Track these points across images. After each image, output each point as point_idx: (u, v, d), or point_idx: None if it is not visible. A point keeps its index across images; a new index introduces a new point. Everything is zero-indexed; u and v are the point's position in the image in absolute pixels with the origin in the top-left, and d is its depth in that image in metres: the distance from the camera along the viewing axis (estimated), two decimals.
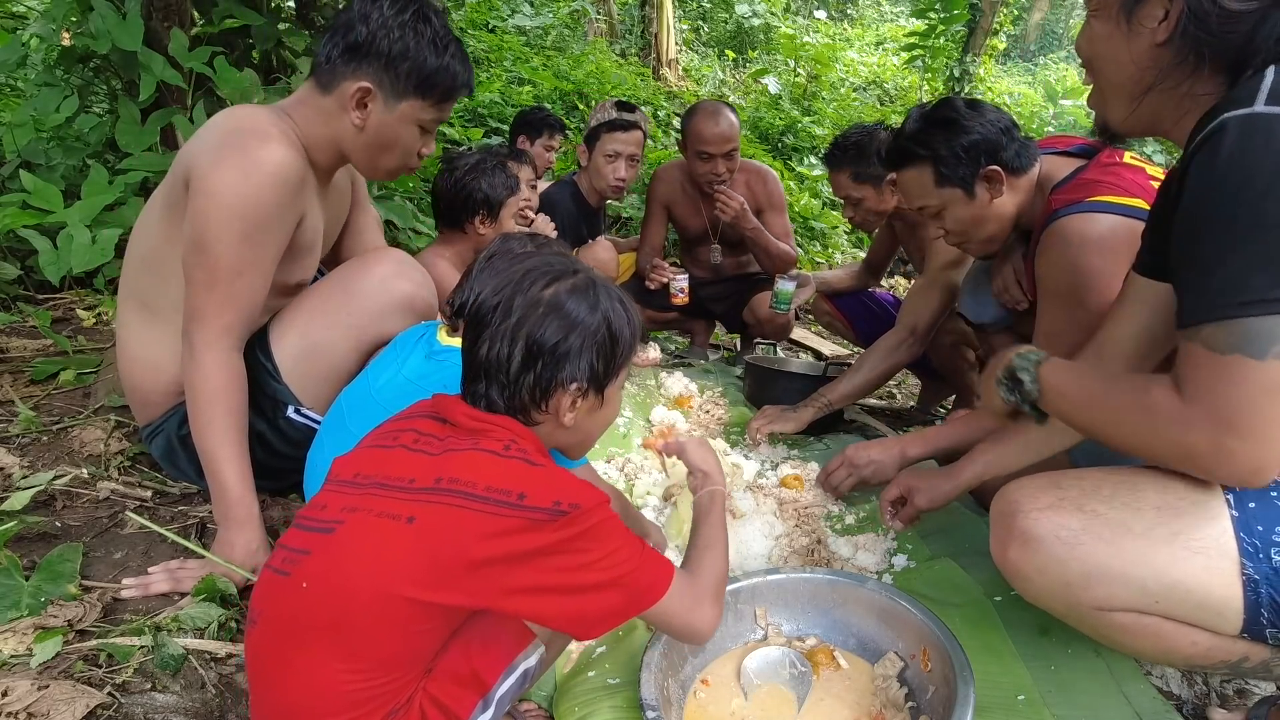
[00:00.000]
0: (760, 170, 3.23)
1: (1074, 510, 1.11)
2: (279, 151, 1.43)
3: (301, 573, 0.91)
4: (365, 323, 1.56)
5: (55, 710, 1.06)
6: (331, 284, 1.60)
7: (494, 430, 1.00)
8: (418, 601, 0.88)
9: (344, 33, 1.49)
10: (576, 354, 1.01)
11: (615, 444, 2.25)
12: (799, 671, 1.28)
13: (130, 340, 1.60)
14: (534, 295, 1.01)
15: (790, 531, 1.79)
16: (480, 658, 0.96)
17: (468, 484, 0.91)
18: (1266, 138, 0.92)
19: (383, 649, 0.90)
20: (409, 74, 1.51)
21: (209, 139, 1.45)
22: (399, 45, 1.49)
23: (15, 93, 3.61)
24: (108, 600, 1.35)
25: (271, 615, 0.93)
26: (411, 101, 1.54)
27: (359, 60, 1.49)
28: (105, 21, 2.50)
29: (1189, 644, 1.09)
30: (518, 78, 6.64)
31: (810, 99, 8.08)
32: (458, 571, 0.89)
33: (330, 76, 1.51)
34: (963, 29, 8.14)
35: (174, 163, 1.50)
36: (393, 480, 0.95)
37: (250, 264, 1.44)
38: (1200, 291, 0.97)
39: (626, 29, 9.83)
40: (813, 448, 2.35)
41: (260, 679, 0.94)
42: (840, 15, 12.43)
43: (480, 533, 0.89)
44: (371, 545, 0.90)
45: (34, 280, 2.63)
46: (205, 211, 1.40)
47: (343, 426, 1.42)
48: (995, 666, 1.30)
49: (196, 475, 1.64)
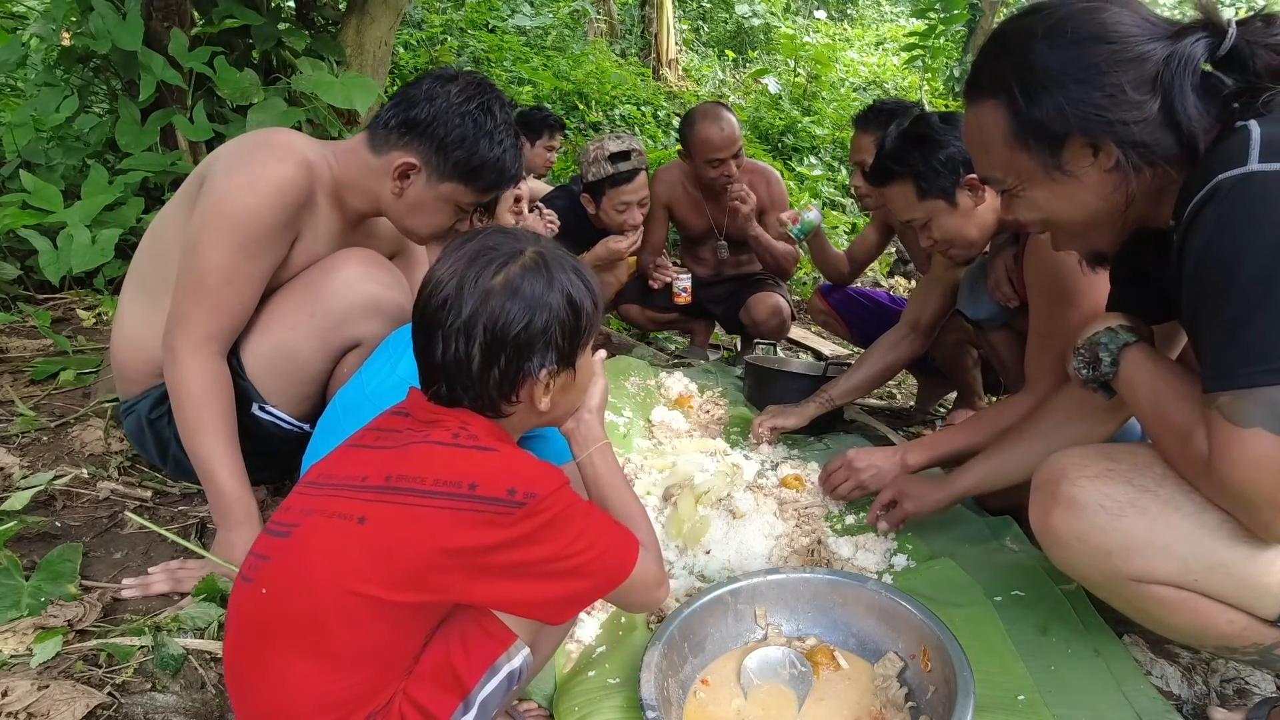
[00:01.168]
0: (764, 171, 3.23)
1: (1123, 482, 1.10)
2: (288, 170, 1.47)
3: (262, 578, 0.91)
4: (330, 324, 1.54)
5: (55, 710, 1.06)
6: (298, 285, 1.59)
7: (445, 420, 0.97)
8: (378, 600, 0.87)
9: (408, 106, 1.52)
10: (540, 338, 0.97)
11: (616, 444, 2.24)
12: (799, 671, 1.28)
13: (123, 313, 1.64)
14: (484, 285, 0.95)
15: (790, 531, 1.79)
16: (460, 659, 0.93)
17: (416, 480, 0.89)
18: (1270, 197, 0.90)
19: (351, 648, 0.88)
20: (459, 162, 1.54)
21: (236, 146, 1.52)
22: (457, 133, 1.52)
23: (15, 93, 3.61)
24: (108, 600, 1.35)
25: (240, 622, 0.93)
26: (454, 185, 1.57)
27: (414, 135, 1.52)
28: (105, 21, 2.50)
29: (1225, 622, 1.08)
30: (518, 78, 6.64)
31: (810, 99, 8.07)
32: (415, 569, 0.87)
33: (383, 141, 1.55)
34: (963, 29, 8.13)
35: (205, 159, 1.56)
36: (346, 480, 0.94)
37: (240, 275, 1.46)
38: (1218, 358, 0.95)
39: (626, 29, 9.82)
40: (813, 448, 2.35)
41: (237, 686, 0.94)
42: (840, 15, 12.42)
43: (433, 529, 0.87)
44: (325, 547, 0.89)
45: (34, 280, 2.63)
46: (206, 215, 1.44)
47: (338, 428, 1.42)
48: (995, 666, 1.30)
49: (160, 458, 1.68)
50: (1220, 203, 0.93)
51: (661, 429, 2.42)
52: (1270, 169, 0.90)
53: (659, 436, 2.38)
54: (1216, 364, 0.95)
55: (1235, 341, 0.93)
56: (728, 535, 1.72)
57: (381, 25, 3.20)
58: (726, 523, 1.77)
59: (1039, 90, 1.03)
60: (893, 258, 5.20)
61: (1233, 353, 0.93)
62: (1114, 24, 1.01)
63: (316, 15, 3.37)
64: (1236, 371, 0.92)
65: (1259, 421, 0.91)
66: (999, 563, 1.63)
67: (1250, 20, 1.02)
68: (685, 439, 2.36)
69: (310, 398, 1.61)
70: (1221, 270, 0.93)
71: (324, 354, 1.57)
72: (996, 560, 1.64)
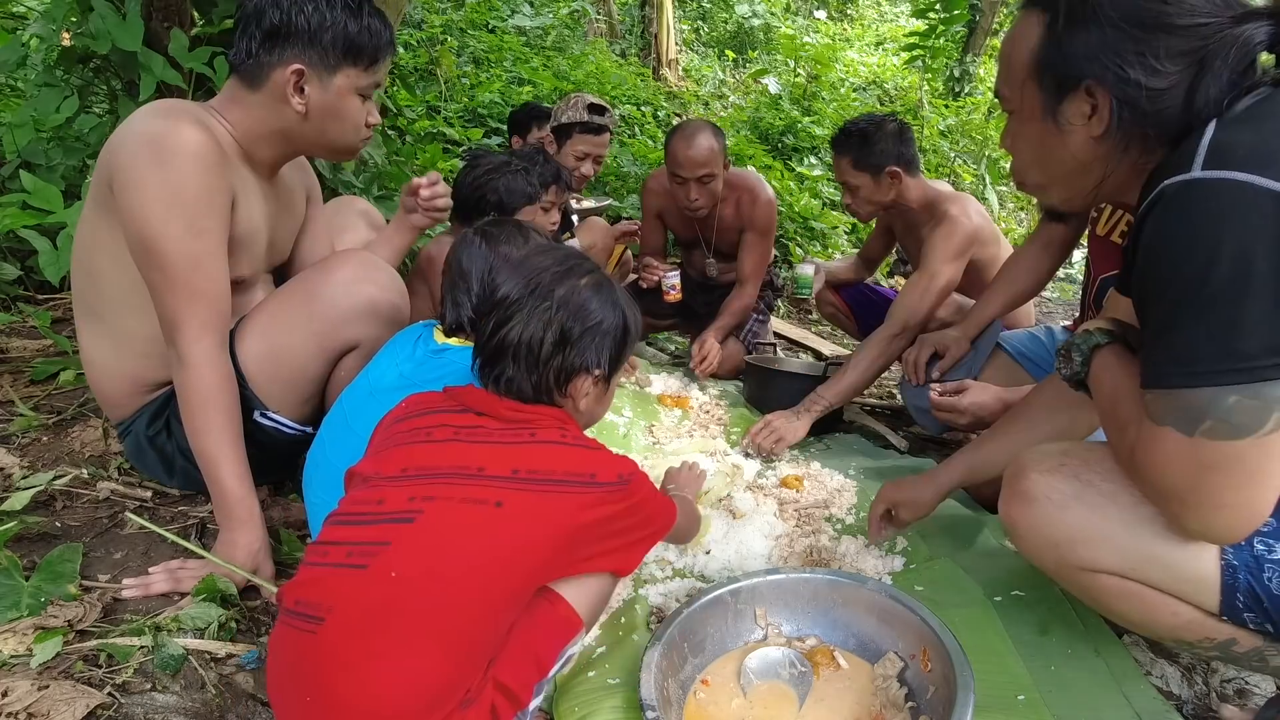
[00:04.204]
0: (754, 189, 2.96)
1: (1070, 477, 1.15)
2: (190, 132, 1.39)
3: (385, 563, 0.92)
4: (328, 328, 1.53)
5: (55, 710, 1.06)
6: (294, 288, 1.58)
7: (542, 419, 1.09)
8: (513, 583, 0.97)
9: (257, 22, 1.46)
10: (604, 338, 1.13)
11: (616, 444, 2.24)
12: (799, 671, 1.28)
13: (86, 347, 1.59)
14: (571, 285, 1.12)
15: (790, 531, 1.79)
16: (541, 643, 1.04)
17: (547, 472, 1.02)
18: (1205, 205, 0.90)
19: (474, 631, 0.94)
20: (334, 44, 1.48)
21: (124, 136, 1.41)
22: (316, 18, 1.46)
23: (15, 93, 3.61)
24: (108, 600, 1.35)
25: (351, 609, 0.92)
26: (345, 71, 1.51)
27: (282, 45, 1.46)
28: (105, 22, 2.50)
29: (1170, 613, 1.11)
30: (517, 78, 6.64)
31: (810, 99, 8.07)
32: (554, 547, 1.00)
33: (256, 70, 1.48)
34: (963, 29, 8.13)
35: (97, 165, 1.46)
36: (461, 469, 1.01)
37: (202, 253, 1.40)
38: (1147, 357, 0.99)
39: (626, 29, 9.83)
40: (813, 448, 2.35)
41: (325, 676, 0.91)
42: (840, 15, 12.42)
43: (570, 510, 1.01)
44: (463, 530, 0.95)
45: (34, 280, 2.63)
46: (138, 208, 1.37)
47: (346, 426, 1.42)
48: (995, 666, 1.30)
49: (166, 475, 1.66)
50: (1164, 208, 0.94)
51: (661, 428, 2.42)
52: (1208, 177, 0.91)
53: (659, 436, 2.39)
54: (1146, 363, 0.99)
55: (1160, 343, 0.96)
56: (728, 535, 1.72)
57: None
58: (726, 523, 1.77)
59: (1082, 21, 1.03)
60: (893, 258, 5.21)
61: (1158, 354, 0.96)
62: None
63: None
64: (1160, 372, 0.96)
65: (1170, 421, 0.95)
66: (999, 563, 1.63)
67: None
68: (685, 439, 2.37)
69: (310, 401, 1.61)
70: (1157, 273, 0.95)
71: (321, 357, 1.56)
72: (996, 560, 1.65)
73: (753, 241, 2.99)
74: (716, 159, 2.76)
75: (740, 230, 3.00)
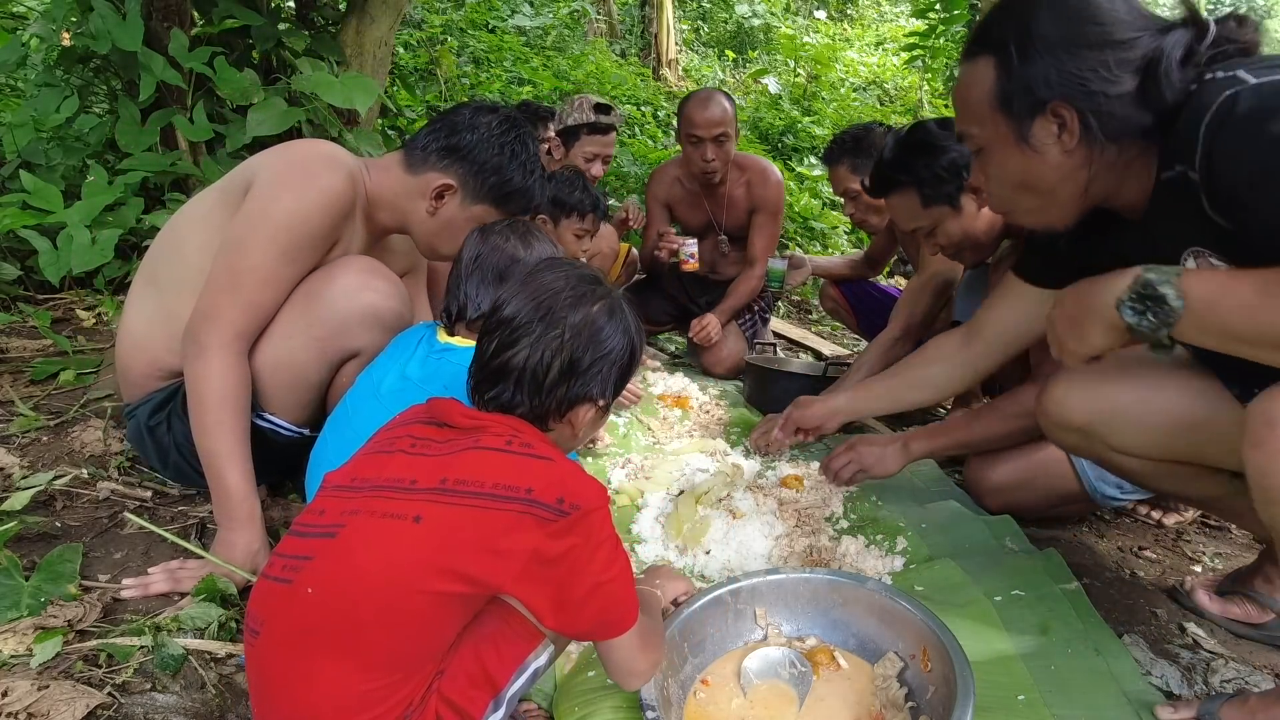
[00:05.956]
0: (763, 170, 3.16)
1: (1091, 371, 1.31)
2: (338, 180, 1.52)
3: (305, 579, 0.91)
4: (328, 334, 1.54)
5: (55, 710, 1.06)
6: (297, 294, 1.58)
7: (493, 426, 1.00)
8: (430, 593, 0.88)
9: (449, 132, 1.63)
10: (608, 372, 1.06)
11: (616, 444, 2.25)
12: (799, 671, 1.28)
13: (130, 311, 1.64)
14: (585, 312, 1.05)
15: (790, 531, 1.79)
16: (491, 657, 0.96)
17: (475, 483, 0.92)
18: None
19: (395, 647, 0.89)
20: (494, 186, 1.66)
21: (284, 154, 1.55)
22: (495, 160, 1.64)
23: (15, 93, 3.61)
24: (108, 600, 1.35)
25: (276, 624, 0.92)
26: (486, 208, 1.68)
27: (453, 159, 1.63)
28: (105, 21, 2.50)
29: None
30: (518, 78, 6.64)
31: (810, 99, 8.08)
32: (469, 565, 0.89)
33: (421, 162, 1.64)
34: (963, 29, 8.11)
35: (244, 164, 1.60)
36: (392, 482, 0.95)
37: (278, 278, 1.49)
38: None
39: (626, 29, 9.83)
40: (812, 447, 2.35)
41: (267, 689, 0.92)
42: (840, 15, 12.41)
43: (493, 529, 0.90)
44: (378, 544, 0.90)
45: (34, 280, 2.63)
46: (257, 213, 1.47)
47: (349, 427, 1.42)
48: (995, 666, 1.30)
49: (160, 464, 1.67)
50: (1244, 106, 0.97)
51: (661, 428, 2.42)
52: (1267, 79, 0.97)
53: (659, 436, 2.38)
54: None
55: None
56: (728, 535, 1.72)
57: (381, 25, 3.20)
58: (726, 523, 1.77)
59: (1033, 54, 1.12)
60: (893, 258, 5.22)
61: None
62: (1109, 8, 1.11)
63: (316, 15, 3.37)
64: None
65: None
66: (999, 563, 1.63)
67: (1225, 19, 1.11)
68: (685, 439, 2.37)
69: (310, 405, 1.61)
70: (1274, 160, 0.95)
71: (322, 363, 1.57)
72: (996, 560, 1.64)
73: (763, 222, 3.11)
74: (730, 120, 2.96)
75: (751, 211, 3.11)
